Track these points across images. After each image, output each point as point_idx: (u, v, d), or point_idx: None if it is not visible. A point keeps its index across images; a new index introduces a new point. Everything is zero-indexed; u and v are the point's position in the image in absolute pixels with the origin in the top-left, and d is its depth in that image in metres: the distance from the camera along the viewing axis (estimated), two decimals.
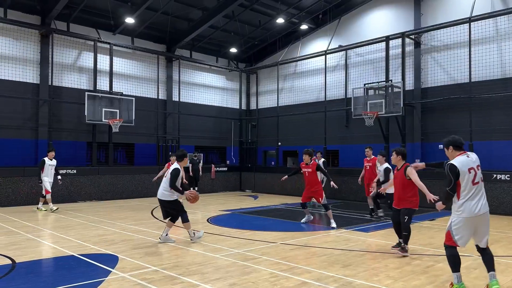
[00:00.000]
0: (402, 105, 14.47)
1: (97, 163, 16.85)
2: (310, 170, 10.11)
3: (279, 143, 19.99)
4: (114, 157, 17.74)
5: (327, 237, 8.74)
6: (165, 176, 7.95)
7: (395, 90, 15.02)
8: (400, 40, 15.92)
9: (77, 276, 5.74)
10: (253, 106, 23.07)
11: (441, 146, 15.12)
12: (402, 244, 7.06)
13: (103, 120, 15.98)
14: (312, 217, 10.86)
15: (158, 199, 7.97)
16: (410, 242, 7.31)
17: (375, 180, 10.40)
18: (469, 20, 14.00)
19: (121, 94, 17.07)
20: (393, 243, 7.60)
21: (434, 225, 10.32)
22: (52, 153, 12.89)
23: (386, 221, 10.44)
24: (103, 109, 16.02)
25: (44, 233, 8.99)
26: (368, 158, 11.95)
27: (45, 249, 7.43)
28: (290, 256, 6.97)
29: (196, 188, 18.69)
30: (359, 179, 12.39)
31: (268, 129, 21.32)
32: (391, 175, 9.38)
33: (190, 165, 18.29)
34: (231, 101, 22.68)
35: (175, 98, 19.81)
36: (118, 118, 16.22)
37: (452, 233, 4.97)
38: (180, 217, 7.99)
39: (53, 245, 7.72)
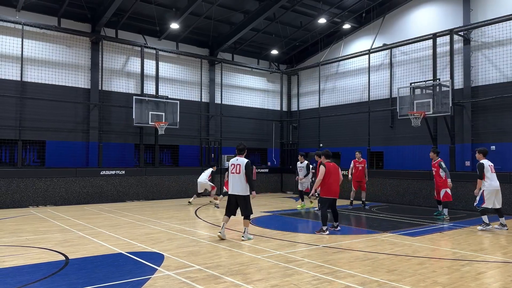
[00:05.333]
0: (451, 105, 13.88)
1: (144, 164, 17.46)
2: None
3: (321, 145, 19.73)
4: (160, 159, 18.29)
5: (371, 241, 8.54)
6: (238, 173, 8.49)
7: (443, 89, 14.43)
8: (448, 37, 15.30)
9: (125, 273, 5.96)
10: (294, 107, 22.98)
11: (493, 147, 14.43)
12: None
13: (150, 123, 16.52)
14: None
15: (236, 195, 8.42)
16: (460, 248, 7.06)
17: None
18: None
19: (167, 97, 17.57)
20: (440, 248, 7.29)
21: (485, 231, 9.80)
22: (215, 167, 15.63)
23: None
24: (150, 113, 16.57)
25: (95, 231, 9.41)
26: (358, 160, 14.24)
27: (95, 246, 7.77)
28: (332, 259, 6.87)
29: None
30: (349, 176, 14.29)
31: (310, 130, 21.15)
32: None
33: None
34: (272, 103, 22.73)
35: (217, 100, 20.13)
36: (163, 121, 16.72)
37: None
38: (244, 213, 8.48)
39: (103, 243, 8.06)
